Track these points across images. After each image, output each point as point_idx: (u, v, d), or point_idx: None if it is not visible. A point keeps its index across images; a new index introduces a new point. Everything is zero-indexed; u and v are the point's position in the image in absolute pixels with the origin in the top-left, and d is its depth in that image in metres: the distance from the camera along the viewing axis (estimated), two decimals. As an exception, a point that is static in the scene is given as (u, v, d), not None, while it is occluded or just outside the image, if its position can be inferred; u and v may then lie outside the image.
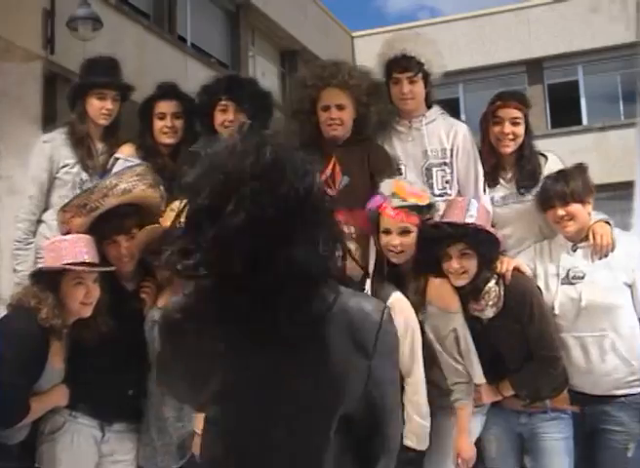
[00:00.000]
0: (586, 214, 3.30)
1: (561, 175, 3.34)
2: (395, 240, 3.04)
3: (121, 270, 3.15)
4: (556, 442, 3.17)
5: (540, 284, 3.31)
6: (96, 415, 3.01)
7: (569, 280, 3.27)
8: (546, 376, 3.14)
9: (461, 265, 3.01)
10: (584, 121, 15.91)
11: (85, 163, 3.60)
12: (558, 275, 3.30)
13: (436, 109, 3.66)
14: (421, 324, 3.04)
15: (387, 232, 3.06)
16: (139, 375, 3.09)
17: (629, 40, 11.84)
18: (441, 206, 3.32)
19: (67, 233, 3.14)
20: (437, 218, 3.15)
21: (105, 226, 3.11)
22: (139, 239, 3.14)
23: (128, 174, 3.25)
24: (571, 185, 3.26)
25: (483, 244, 3.02)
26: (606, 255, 3.26)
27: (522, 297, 3.10)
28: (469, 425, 3.07)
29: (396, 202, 3.07)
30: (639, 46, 8.51)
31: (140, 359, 3.07)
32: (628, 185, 4.96)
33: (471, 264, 3.02)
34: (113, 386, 3.01)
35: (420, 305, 3.05)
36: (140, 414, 3.12)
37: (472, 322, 3.09)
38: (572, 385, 3.25)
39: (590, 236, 3.28)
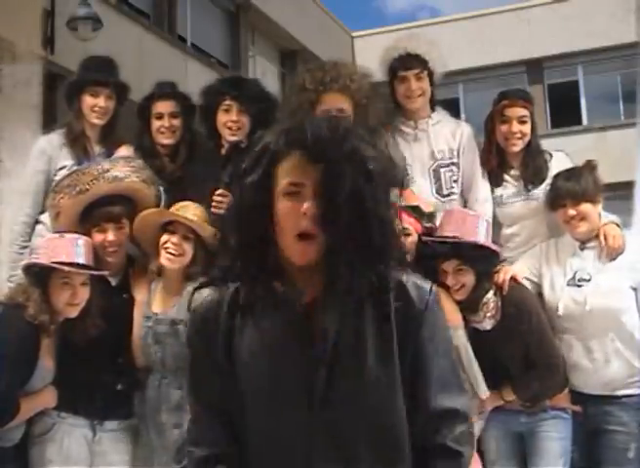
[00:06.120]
0: (597, 213, 3.28)
1: (572, 174, 3.31)
2: None
3: (105, 259, 3.10)
4: (552, 441, 3.16)
5: (546, 284, 3.30)
6: (85, 415, 2.98)
7: (575, 282, 3.25)
8: (549, 382, 3.13)
9: (457, 281, 2.98)
10: (584, 121, 15.91)
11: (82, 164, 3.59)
12: (565, 276, 3.28)
13: (440, 111, 3.67)
14: None
15: None
16: (127, 371, 3.07)
17: (629, 40, 11.82)
18: (447, 206, 3.32)
19: (57, 215, 3.12)
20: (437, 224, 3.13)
21: (95, 213, 3.09)
22: (135, 228, 3.12)
23: (122, 162, 3.24)
24: (582, 184, 3.24)
25: (479, 259, 2.98)
26: (614, 258, 3.25)
27: (519, 308, 3.07)
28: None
29: (398, 203, 3.04)
30: (639, 46, 8.49)
31: (128, 354, 3.07)
32: (628, 185, 4.94)
33: (468, 279, 2.99)
34: (101, 384, 2.99)
35: None
36: (132, 412, 3.10)
37: (471, 332, 3.05)
38: (574, 385, 3.25)
39: (601, 237, 3.26)
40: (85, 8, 8.36)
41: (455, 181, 3.52)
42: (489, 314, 3.04)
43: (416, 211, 3.04)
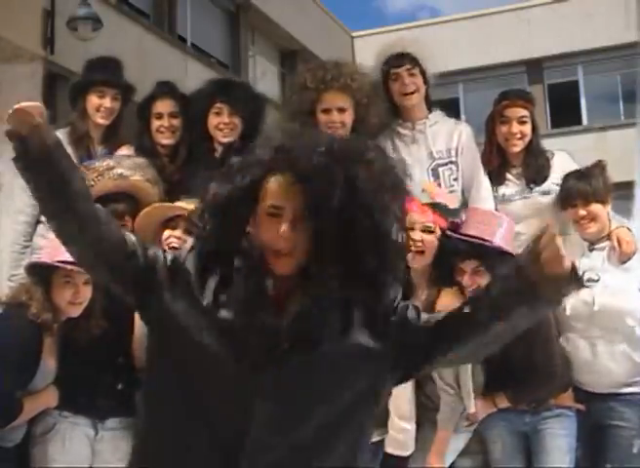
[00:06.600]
0: (606, 214, 3.29)
1: (582, 174, 3.32)
2: (417, 235, 2.94)
3: None
4: (558, 438, 3.17)
5: None
6: (87, 414, 2.98)
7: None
8: (548, 386, 3.14)
9: (474, 281, 2.97)
10: (584, 121, 15.90)
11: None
12: None
13: (437, 112, 3.68)
14: None
15: (410, 228, 2.93)
16: (128, 370, 3.07)
17: (629, 40, 11.83)
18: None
19: None
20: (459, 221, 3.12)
21: None
22: (137, 224, 3.11)
23: (127, 161, 3.24)
24: (593, 184, 3.25)
25: (499, 263, 2.94)
26: (625, 262, 3.26)
27: None
28: (450, 442, 3.02)
29: (424, 199, 3.02)
30: (639, 46, 8.51)
31: (129, 354, 3.07)
32: (628, 185, 4.96)
33: (484, 281, 2.94)
34: (102, 383, 2.99)
35: None
36: (133, 411, 3.10)
37: None
38: (579, 383, 3.26)
39: (615, 242, 3.26)
40: (85, 8, 8.37)
41: (455, 179, 3.53)
42: None
43: (440, 208, 3.02)
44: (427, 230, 2.96)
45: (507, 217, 3.19)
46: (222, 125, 3.51)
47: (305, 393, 1.64)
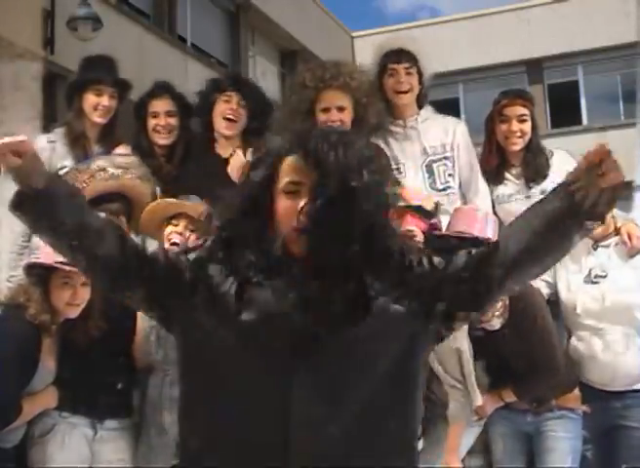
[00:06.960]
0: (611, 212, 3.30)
1: None
2: None
3: None
4: (559, 441, 3.16)
5: (562, 282, 3.32)
6: (86, 414, 2.97)
7: (591, 278, 3.27)
8: (550, 383, 3.13)
9: None
10: (584, 121, 15.91)
11: None
12: (580, 274, 3.30)
13: (428, 109, 3.68)
14: None
15: None
16: (127, 370, 3.07)
17: (629, 40, 11.84)
18: (444, 200, 3.31)
19: None
20: (443, 221, 3.12)
21: None
22: (142, 220, 3.11)
23: (118, 160, 3.24)
24: None
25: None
26: (632, 256, 3.27)
27: (526, 306, 3.07)
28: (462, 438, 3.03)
29: (399, 203, 3.03)
30: (639, 46, 8.52)
31: (129, 354, 3.07)
32: (628, 185, 4.95)
33: None
34: (102, 384, 2.98)
35: None
36: (132, 411, 3.10)
37: (477, 330, 3.04)
38: (591, 382, 3.26)
39: (625, 237, 3.28)
40: (85, 8, 8.38)
41: (450, 175, 3.52)
42: (497, 313, 3.04)
43: (419, 211, 3.03)
44: (410, 235, 2.97)
45: (489, 213, 3.19)
46: (230, 111, 3.52)
47: (338, 381, 1.63)
